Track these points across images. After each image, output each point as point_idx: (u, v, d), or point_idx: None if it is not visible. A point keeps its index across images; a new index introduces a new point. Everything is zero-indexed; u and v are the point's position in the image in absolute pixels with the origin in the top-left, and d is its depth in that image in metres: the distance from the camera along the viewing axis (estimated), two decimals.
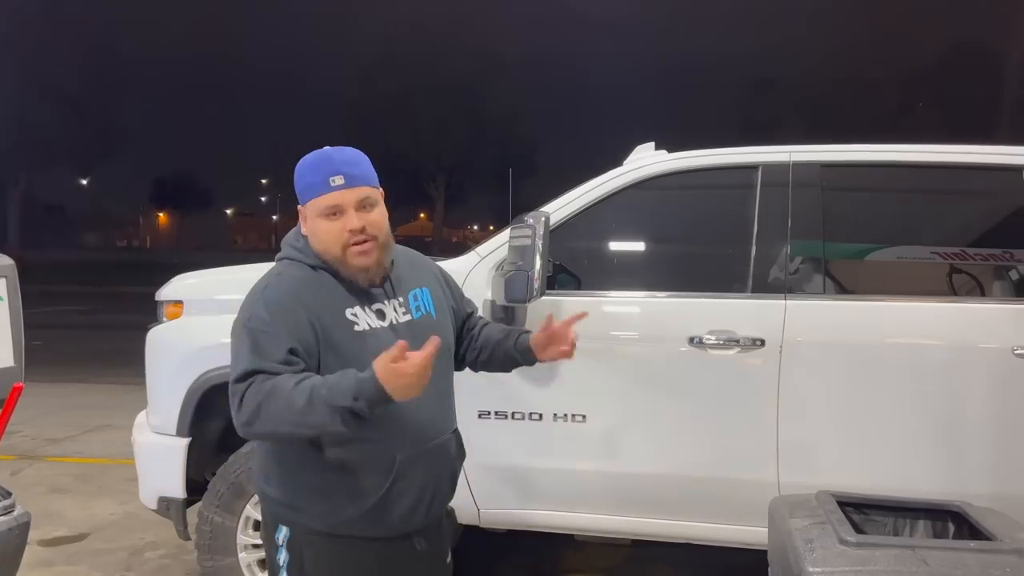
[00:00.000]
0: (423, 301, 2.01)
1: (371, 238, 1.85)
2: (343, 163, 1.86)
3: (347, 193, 1.83)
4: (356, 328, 1.84)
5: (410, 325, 1.93)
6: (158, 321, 3.47)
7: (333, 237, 1.84)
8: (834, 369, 2.90)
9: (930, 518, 1.84)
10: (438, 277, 2.16)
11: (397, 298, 1.95)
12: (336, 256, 1.86)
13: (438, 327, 1.97)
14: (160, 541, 4.24)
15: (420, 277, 2.07)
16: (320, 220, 1.86)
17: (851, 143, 3.21)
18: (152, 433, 3.39)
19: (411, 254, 2.15)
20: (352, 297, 1.88)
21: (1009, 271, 3.11)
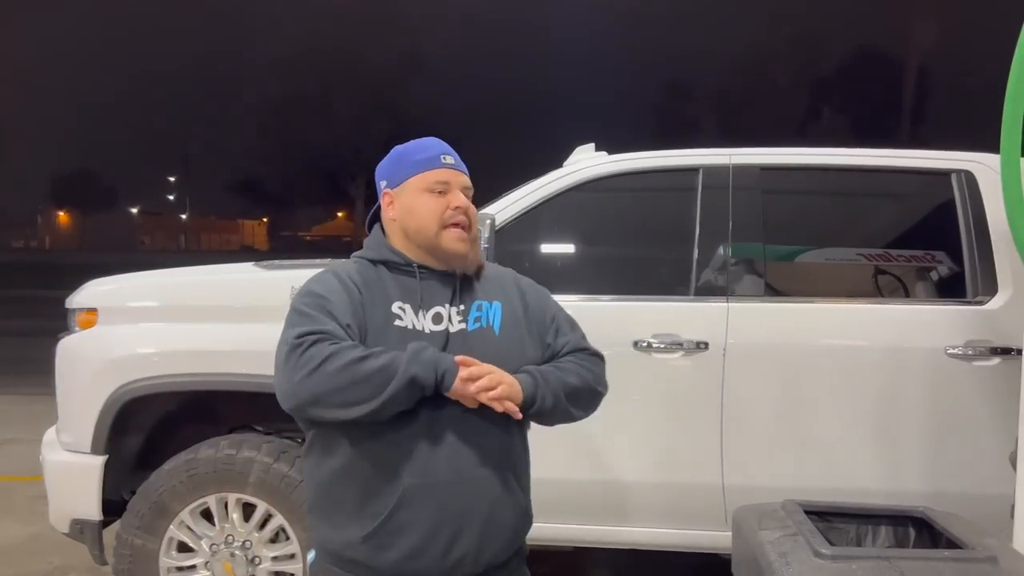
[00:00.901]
0: (488, 314, 1.81)
1: (468, 227, 1.78)
2: (452, 150, 1.85)
3: (456, 174, 1.80)
4: (397, 323, 1.72)
5: (462, 336, 1.76)
6: (69, 330, 3.23)
7: (434, 212, 1.76)
8: (776, 371, 2.92)
9: (892, 524, 1.85)
10: (522, 296, 1.92)
11: (459, 304, 1.79)
12: (431, 235, 1.76)
13: (496, 345, 1.77)
14: (71, 565, 3.96)
15: (495, 290, 1.87)
16: (422, 195, 1.78)
17: (762, 147, 3.24)
18: (64, 451, 3.15)
19: (498, 268, 1.99)
20: (407, 293, 1.77)
21: (930, 272, 3.20)
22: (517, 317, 1.85)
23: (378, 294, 1.75)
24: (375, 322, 1.71)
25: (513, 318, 1.84)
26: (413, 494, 1.64)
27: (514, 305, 1.86)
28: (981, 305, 2.89)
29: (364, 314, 1.71)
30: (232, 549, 3.02)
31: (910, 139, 29.31)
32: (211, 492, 3.00)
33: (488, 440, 1.71)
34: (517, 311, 1.86)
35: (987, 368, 2.82)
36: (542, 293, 1.96)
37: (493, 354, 1.71)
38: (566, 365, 1.81)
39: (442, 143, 1.86)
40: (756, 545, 1.64)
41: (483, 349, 1.72)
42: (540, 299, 1.93)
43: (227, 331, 3.09)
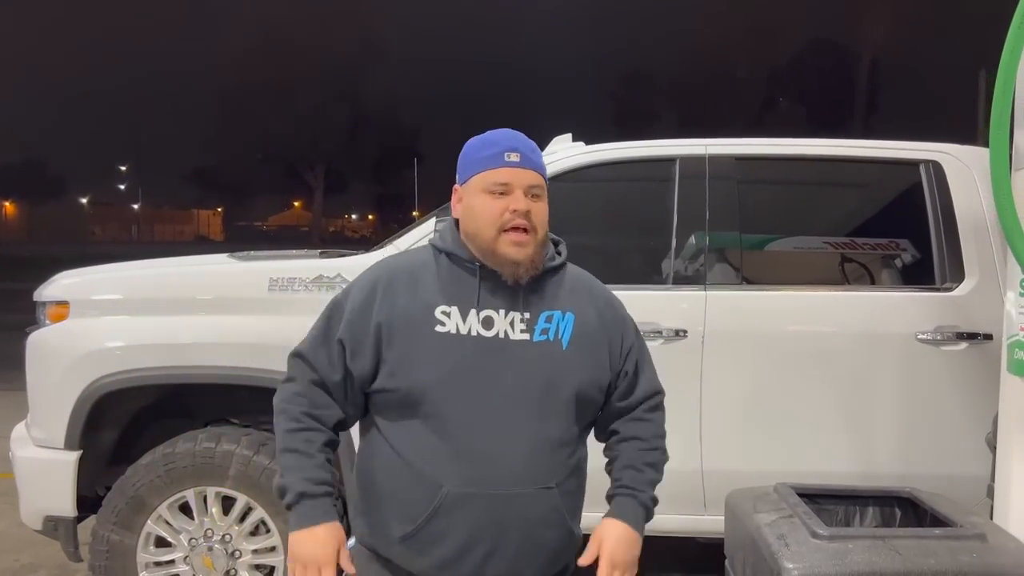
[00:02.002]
0: (558, 326, 1.66)
1: (531, 229, 1.61)
2: (522, 144, 1.68)
3: (520, 173, 1.63)
4: (439, 328, 1.60)
5: (523, 347, 1.61)
6: (39, 324, 3.16)
7: (492, 215, 1.61)
8: (753, 358, 2.97)
9: (879, 505, 1.91)
10: (599, 310, 1.74)
11: (524, 311, 1.64)
12: (487, 240, 1.62)
13: (563, 362, 1.64)
14: (41, 562, 3.88)
15: (570, 298, 1.71)
16: (481, 196, 1.63)
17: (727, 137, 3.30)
18: (35, 447, 3.09)
19: (583, 277, 1.81)
20: (462, 291, 1.64)
21: (900, 259, 3.29)
22: (590, 334, 1.70)
23: (423, 289, 1.65)
24: (411, 329, 1.61)
25: (586, 334, 1.69)
26: (451, 503, 1.58)
27: (589, 319, 1.71)
28: (949, 292, 2.98)
29: (389, 321, 1.61)
30: (211, 543, 2.99)
31: (864, 128, 29.94)
32: (189, 486, 2.96)
33: (544, 449, 1.62)
34: (591, 326, 1.71)
35: (955, 352, 2.91)
36: (619, 311, 1.80)
37: (558, 371, 1.62)
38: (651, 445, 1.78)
39: (514, 136, 1.70)
40: (753, 528, 1.68)
41: (546, 365, 1.61)
42: (617, 320, 1.78)
43: (202, 323, 3.05)
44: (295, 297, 2.97)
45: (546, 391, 1.61)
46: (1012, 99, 1.77)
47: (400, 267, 1.70)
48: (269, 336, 2.85)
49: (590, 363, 1.68)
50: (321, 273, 3.00)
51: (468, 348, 1.59)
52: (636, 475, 1.74)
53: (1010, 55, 1.72)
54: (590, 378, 1.67)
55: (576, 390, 1.64)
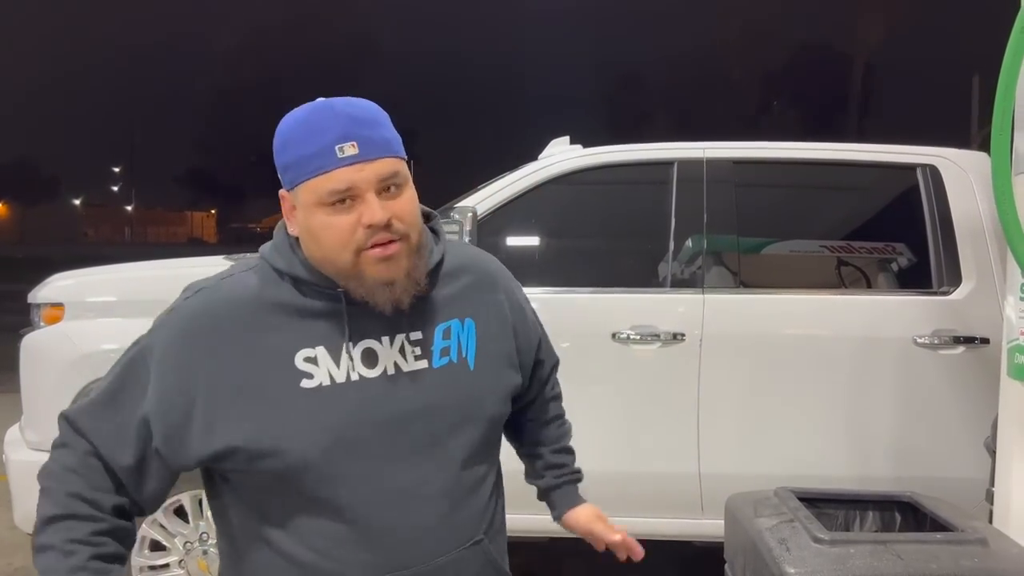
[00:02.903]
0: (459, 340, 1.29)
1: (400, 237, 1.18)
2: (356, 122, 1.18)
3: (365, 168, 1.16)
4: (304, 384, 1.18)
5: (419, 379, 1.24)
6: (34, 326, 3.14)
7: (342, 238, 1.16)
8: (751, 361, 2.98)
9: (879, 509, 1.91)
10: (506, 300, 1.38)
11: (412, 331, 1.25)
12: (345, 267, 1.18)
13: (473, 386, 1.28)
14: (32, 567, 3.85)
15: (466, 299, 1.33)
16: (321, 213, 1.17)
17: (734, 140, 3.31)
18: (30, 450, 3.06)
19: (465, 258, 1.38)
20: (321, 327, 1.21)
21: (898, 263, 3.29)
22: (496, 335, 1.35)
23: (271, 333, 1.19)
24: (268, 390, 1.17)
25: (492, 339, 1.34)
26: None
27: (491, 315, 1.35)
28: (947, 296, 2.98)
29: (223, 377, 1.17)
30: (206, 547, 2.98)
31: (860, 132, 30.08)
32: (185, 489, 2.95)
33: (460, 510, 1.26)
34: (495, 324, 1.35)
35: (952, 356, 2.91)
36: (511, 285, 1.43)
37: (470, 400, 1.27)
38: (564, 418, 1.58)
39: (336, 114, 1.19)
40: (754, 532, 1.68)
41: (456, 395, 1.26)
42: (516, 300, 1.42)
43: None
44: None
45: (459, 427, 1.25)
46: (1013, 104, 1.77)
47: (223, 302, 1.21)
48: None
49: (503, 375, 1.34)
50: None
51: (351, 401, 1.19)
52: (569, 457, 1.56)
53: (1012, 60, 1.72)
54: (504, 394, 1.34)
55: (492, 415, 1.31)
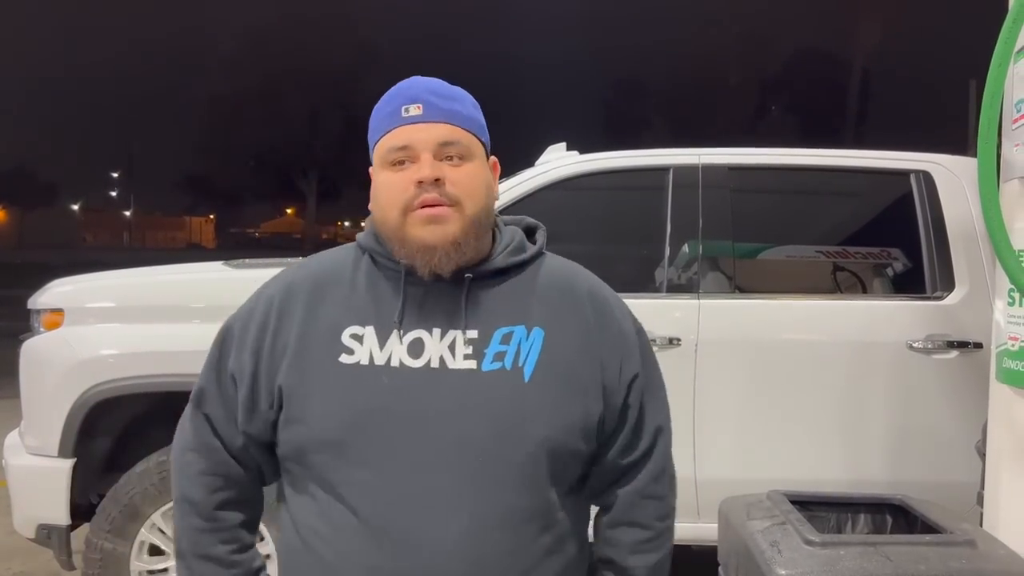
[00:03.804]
0: (519, 348, 1.17)
1: (450, 202, 1.14)
2: (428, 90, 1.20)
3: (424, 129, 1.16)
4: (344, 358, 1.17)
5: (463, 379, 1.15)
6: (34, 331, 3.16)
7: (394, 194, 1.16)
8: (746, 366, 3.00)
9: (870, 512, 1.93)
10: (591, 323, 1.23)
11: (469, 328, 1.17)
12: (394, 226, 1.17)
13: (521, 401, 1.15)
14: (34, 571, 3.87)
15: (542, 310, 1.21)
16: (382, 171, 1.19)
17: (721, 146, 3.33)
18: (29, 455, 3.08)
19: (565, 274, 1.28)
20: (379, 308, 1.19)
21: (891, 268, 3.32)
22: (569, 357, 1.19)
23: (332, 304, 1.21)
24: (310, 356, 1.18)
25: (561, 358, 1.19)
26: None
27: (568, 335, 1.20)
28: (940, 300, 3.01)
29: (285, 345, 1.20)
30: None
31: (856, 138, 30.17)
32: None
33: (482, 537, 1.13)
34: (571, 345, 1.20)
35: (946, 361, 2.94)
36: (618, 322, 1.26)
37: (516, 414, 1.14)
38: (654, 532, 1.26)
39: (417, 83, 1.22)
40: (747, 535, 1.70)
41: (500, 405, 1.14)
42: (614, 335, 1.24)
43: (197, 331, 3.04)
44: None
45: (498, 443, 1.13)
46: (999, 110, 1.80)
47: (304, 275, 1.26)
48: None
49: (566, 399, 1.18)
50: None
51: (381, 385, 1.15)
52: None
53: (998, 67, 1.75)
54: (565, 422, 1.17)
55: (543, 440, 1.15)
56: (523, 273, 1.23)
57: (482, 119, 1.25)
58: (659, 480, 1.27)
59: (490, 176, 1.24)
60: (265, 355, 1.21)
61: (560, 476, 1.19)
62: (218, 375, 1.26)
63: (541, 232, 1.31)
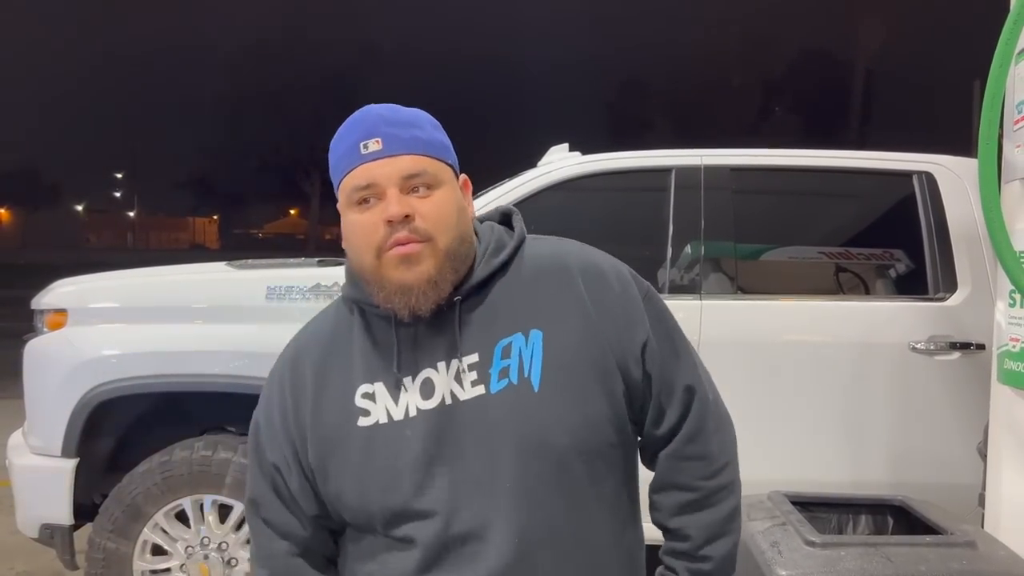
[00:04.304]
0: (521, 357, 1.13)
1: (422, 239, 1.11)
2: (385, 120, 1.14)
3: (386, 164, 1.12)
4: (361, 422, 1.15)
5: (477, 406, 1.13)
6: (37, 332, 3.17)
7: (365, 236, 1.12)
8: (749, 367, 2.99)
9: (871, 513, 1.94)
10: (587, 295, 1.18)
11: (468, 354, 1.14)
12: (370, 269, 1.14)
13: (537, 412, 1.12)
14: (35, 570, 3.88)
15: (534, 307, 1.16)
16: (350, 213, 1.15)
17: (723, 147, 3.33)
18: (32, 455, 3.09)
19: (548, 254, 1.22)
20: (379, 359, 1.17)
21: (893, 269, 3.32)
22: (574, 348, 1.15)
23: (338, 369, 1.19)
24: (333, 430, 1.16)
25: (567, 352, 1.15)
26: None
27: (567, 324, 1.16)
28: (942, 301, 3.01)
29: (305, 423, 1.19)
30: (208, 551, 3.00)
31: (859, 139, 30.13)
32: (186, 494, 2.97)
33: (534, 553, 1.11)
34: (573, 335, 1.16)
35: (948, 362, 2.93)
36: (615, 286, 1.20)
37: (534, 428, 1.11)
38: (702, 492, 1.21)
39: (369, 114, 1.17)
40: (747, 536, 1.70)
41: (516, 423, 1.11)
42: (614, 302, 1.19)
43: (200, 332, 3.06)
44: (293, 306, 2.99)
45: (527, 461, 1.11)
46: (1000, 111, 1.80)
47: (304, 346, 1.25)
48: (267, 344, 2.83)
49: (583, 396, 1.14)
50: (319, 282, 3.01)
51: (406, 439, 1.13)
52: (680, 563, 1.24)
53: (999, 68, 1.75)
54: (588, 419, 1.14)
55: (570, 445, 1.12)
56: (508, 272, 1.19)
57: (445, 139, 1.20)
58: (695, 440, 1.21)
59: (461, 197, 1.19)
60: (295, 435, 1.19)
61: (598, 476, 1.16)
62: (263, 475, 1.24)
63: (517, 218, 1.26)
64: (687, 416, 1.21)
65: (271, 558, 1.23)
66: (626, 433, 1.19)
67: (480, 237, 1.22)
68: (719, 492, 1.22)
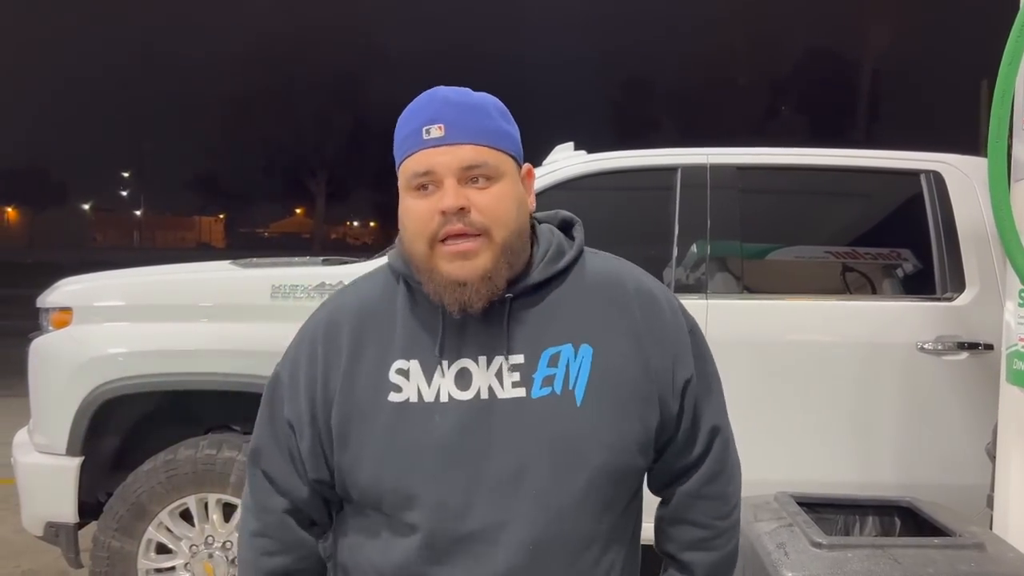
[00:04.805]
0: (568, 369, 1.12)
1: (478, 231, 1.09)
2: (450, 105, 1.11)
3: (447, 152, 1.09)
4: (392, 397, 1.13)
5: (513, 409, 1.11)
6: (42, 330, 3.17)
7: (418, 224, 1.11)
8: (755, 367, 2.98)
9: (878, 514, 1.92)
10: (641, 326, 1.16)
11: (513, 354, 1.12)
12: (421, 258, 1.12)
13: (576, 426, 1.11)
14: (40, 568, 3.88)
15: (588, 322, 1.15)
16: (408, 197, 1.14)
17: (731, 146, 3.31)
18: (37, 453, 3.09)
19: (607, 273, 1.21)
20: (421, 339, 1.15)
21: (900, 269, 3.30)
22: (621, 369, 1.14)
23: (376, 339, 1.17)
24: (357, 398, 1.15)
25: (614, 372, 1.13)
26: None
27: (618, 345, 1.14)
28: (950, 301, 2.98)
29: (334, 387, 1.16)
30: (212, 550, 3.00)
31: (866, 137, 30.04)
32: (191, 493, 2.97)
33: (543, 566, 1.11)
34: (622, 357, 1.14)
35: (956, 362, 2.91)
36: (669, 320, 1.19)
37: (571, 440, 1.10)
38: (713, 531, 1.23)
39: (435, 96, 1.14)
40: (753, 537, 1.69)
41: (553, 432, 1.10)
42: (666, 336, 1.18)
43: (205, 330, 3.06)
44: (297, 304, 2.98)
45: (556, 472, 1.10)
46: (1011, 110, 1.79)
47: (345, 309, 1.21)
48: (271, 343, 2.84)
49: (622, 418, 1.13)
50: (323, 280, 3.01)
51: (433, 424, 1.11)
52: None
53: (1008, 66, 1.73)
54: (623, 442, 1.13)
55: (602, 464, 1.11)
56: (565, 281, 1.17)
57: (512, 129, 1.17)
58: (715, 481, 1.22)
59: (522, 191, 1.15)
60: (319, 398, 1.17)
61: (620, 496, 1.17)
62: (273, 429, 1.23)
63: (578, 227, 1.23)
64: (708, 454, 1.22)
65: (266, 512, 1.22)
66: (648, 460, 1.19)
67: (539, 238, 1.19)
68: (729, 532, 1.25)
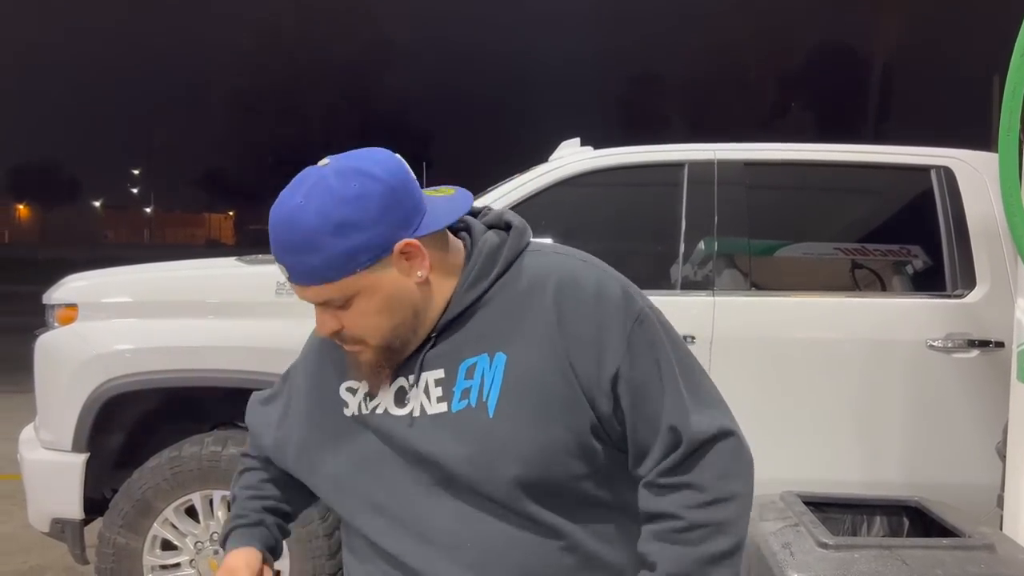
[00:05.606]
0: (482, 380, 1.10)
1: (356, 342, 1.13)
2: (279, 247, 1.09)
3: (300, 290, 1.13)
4: (345, 411, 1.19)
5: (438, 422, 1.10)
6: (48, 326, 3.17)
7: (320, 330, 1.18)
8: (763, 364, 2.96)
9: (886, 514, 1.90)
10: (556, 320, 1.09)
11: (434, 369, 1.12)
12: None
13: (488, 437, 1.08)
14: (48, 564, 3.90)
15: (505, 327, 1.11)
16: None
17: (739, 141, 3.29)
18: (43, 449, 3.10)
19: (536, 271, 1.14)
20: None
21: (910, 265, 3.26)
22: (535, 371, 1.08)
23: (329, 367, 1.24)
24: (323, 410, 1.22)
25: (528, 377, 1.08)
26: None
27: (533, 347, 1.09)
28: (961, 298, 2.95)
29: (304, 393, 1.27)
30: (217, 546, 3.00)
31: (876, 133, 29.88)
32: (196, 489, 2.97)
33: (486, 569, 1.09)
34: (536, 357, 1.09)
35: (966, 360, 2.89)
36: (600, 312, 1.09)
37: (483, 453, 1.08)
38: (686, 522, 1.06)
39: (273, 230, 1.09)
40: (759, 536, 1.67)
41: (468, 445, 1.08)
42: (586, 327, 1.09)
43: (210, 327, 3.06)
44: (302, 301, 2.97)
45: (478, 482, 1.08)
46: (1022, 104, 1.76)
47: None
48: (277, 340, 2.85)
49: (540, 426, 1.07)
50: None
51: (372, 434, 1.15)
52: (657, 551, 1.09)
53: (1020, 59, 1.71)
54: (545, 453, 1.07)
55: (516, 477, 1.07)
56: (489, 296, 1.13)
57: (348, 241, 1.05)
58: (674, 472, 1.08)
59: (391, 282, 1.08)
60: (292, 400, 1.29)
61: (562, 499, 1.10)
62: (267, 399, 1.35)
63: (515, 232, 1.16)
64: (669, 455, 1.09)
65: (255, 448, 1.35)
66: (597, 461, 1.11)
67: (469, 256, 1.15)
68: (705, 528, 1.06)
